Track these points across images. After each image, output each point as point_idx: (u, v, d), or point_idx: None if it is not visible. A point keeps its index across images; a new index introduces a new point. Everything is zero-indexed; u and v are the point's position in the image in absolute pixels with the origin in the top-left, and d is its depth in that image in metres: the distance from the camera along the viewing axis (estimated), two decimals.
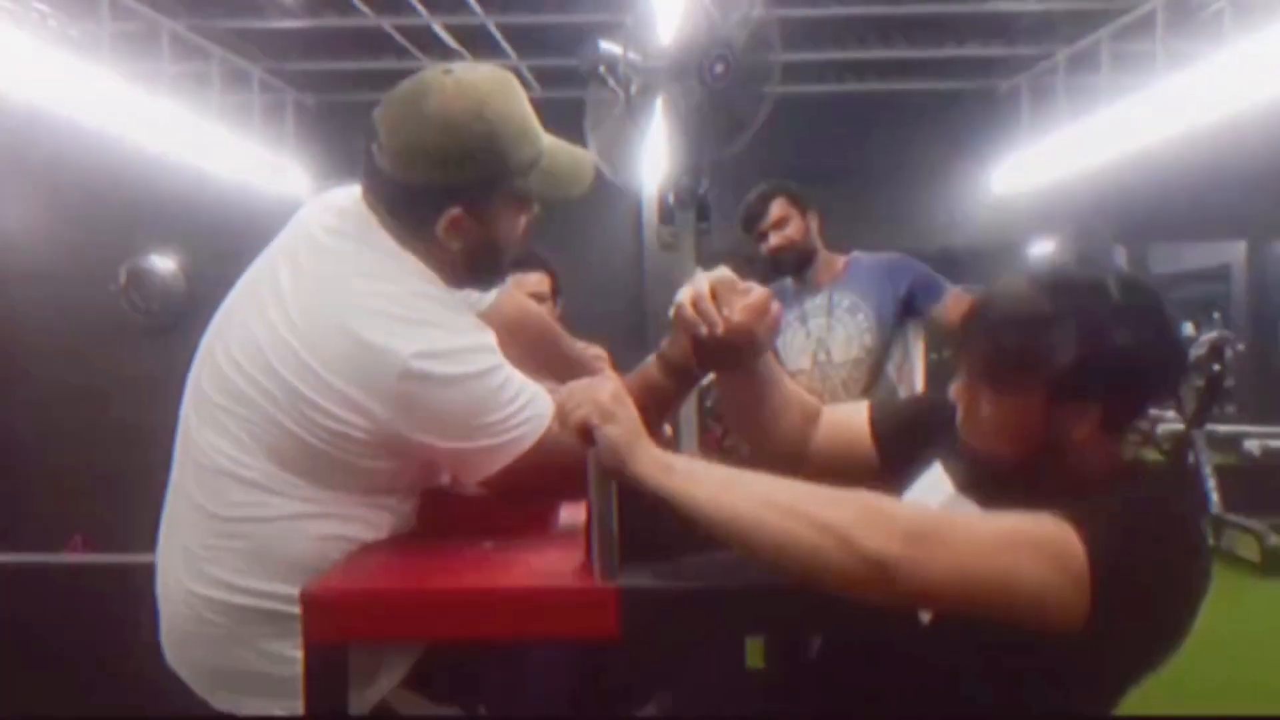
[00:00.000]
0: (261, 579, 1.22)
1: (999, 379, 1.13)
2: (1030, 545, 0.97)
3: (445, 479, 1.35)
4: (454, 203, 1.22)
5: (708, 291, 1.23)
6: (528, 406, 1.21)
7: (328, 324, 1.17)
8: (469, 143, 1.21)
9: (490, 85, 1.24)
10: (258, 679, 1.24)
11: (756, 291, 1.25)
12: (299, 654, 1.13)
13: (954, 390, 1.20)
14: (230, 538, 1.23)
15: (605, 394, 1.04)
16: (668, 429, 1.67)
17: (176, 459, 1.32)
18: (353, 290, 1.19)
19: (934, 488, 1.24)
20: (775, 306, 1.26)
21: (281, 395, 1.19)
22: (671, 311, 1.26)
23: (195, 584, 1.25)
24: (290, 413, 1.18)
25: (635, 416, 1.05)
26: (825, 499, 0.98)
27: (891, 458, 1.33)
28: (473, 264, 1.29)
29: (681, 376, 1.30)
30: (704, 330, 1.22)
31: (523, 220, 1.31)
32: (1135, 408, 1.13)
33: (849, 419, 1.39)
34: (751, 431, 1.38)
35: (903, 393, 3.08)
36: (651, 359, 1.31)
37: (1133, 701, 1.12)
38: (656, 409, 1.28)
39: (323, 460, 1.20)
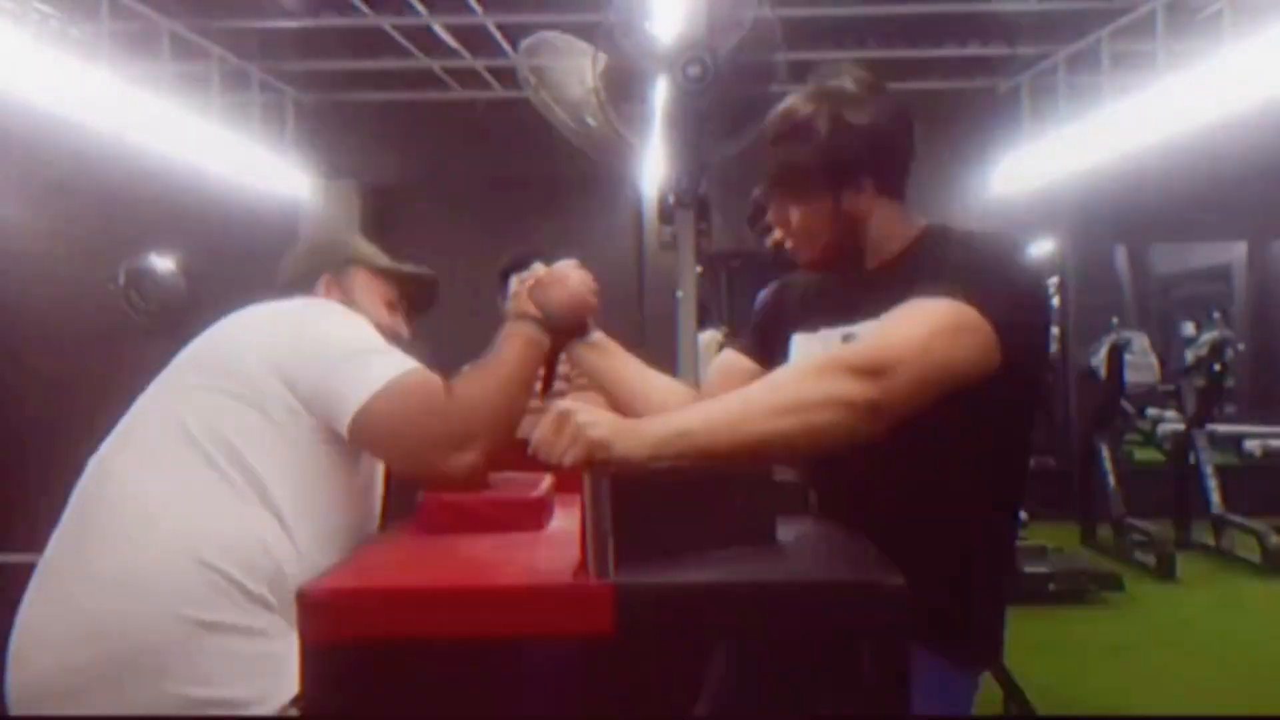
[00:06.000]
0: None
1: (791, 186, 1.39)
2: (950, 331, 1.20)
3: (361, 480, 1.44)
4: (321, 272, 1.62)
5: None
6: (394, 352, 1.39)
7: (245, 320, 1.46)
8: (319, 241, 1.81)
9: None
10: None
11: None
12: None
13: (770, 218, 1.43)
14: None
15: (581, 427, 1.02)
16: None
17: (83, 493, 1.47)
18: (264, 309, 1.49)
19: (817, 348, 1.41)
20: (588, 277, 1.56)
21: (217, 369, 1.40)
22: (509, 302, 1.55)
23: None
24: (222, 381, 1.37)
25: (613, 420, 1.05)
26: (806, 376, 1.16)
27: (773, 361, 1.49)
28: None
29: (554, 331, 1.51)
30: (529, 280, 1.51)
31: (383, 303, 1.63)
32: (897, 170, 1.40)
33: (735, 367, 1.56)
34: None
35: None
36: (518, 329, 1.47)
37: (1133, 702, 1.13)
38: (549, 366, 1.54)
39: (248, 420, 1.35)
